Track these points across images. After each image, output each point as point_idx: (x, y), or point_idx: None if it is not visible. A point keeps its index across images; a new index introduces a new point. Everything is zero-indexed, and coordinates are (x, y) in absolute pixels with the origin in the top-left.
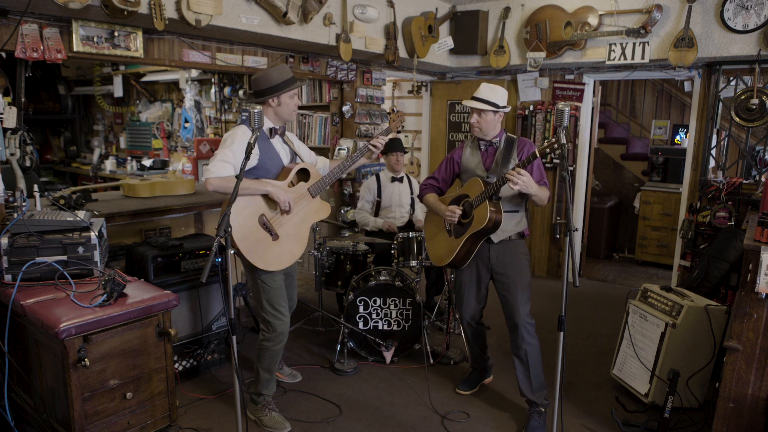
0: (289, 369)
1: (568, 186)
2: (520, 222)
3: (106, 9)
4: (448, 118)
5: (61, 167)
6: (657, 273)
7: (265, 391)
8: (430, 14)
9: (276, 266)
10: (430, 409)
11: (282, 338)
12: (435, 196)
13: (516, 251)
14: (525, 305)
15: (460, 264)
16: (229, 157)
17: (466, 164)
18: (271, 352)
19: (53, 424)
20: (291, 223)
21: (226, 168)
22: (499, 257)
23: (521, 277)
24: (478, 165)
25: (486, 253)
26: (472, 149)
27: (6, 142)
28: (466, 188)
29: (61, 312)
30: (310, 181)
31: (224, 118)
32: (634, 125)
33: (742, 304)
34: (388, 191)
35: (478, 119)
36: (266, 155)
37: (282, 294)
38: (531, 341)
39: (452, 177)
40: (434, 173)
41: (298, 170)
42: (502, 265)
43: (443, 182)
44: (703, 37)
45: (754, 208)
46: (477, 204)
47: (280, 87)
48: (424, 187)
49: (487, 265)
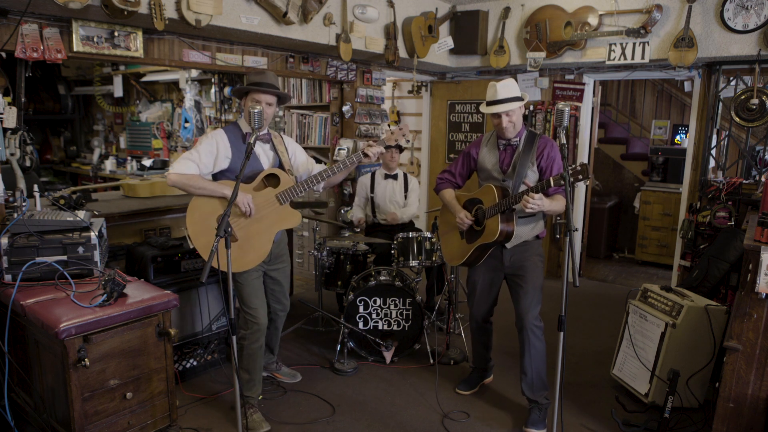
0: (288, 369)
1: (568, 186)
2: (536, 226)
3: (106, 9)
4: (448, 118)
5: (61, 167)
6: (657, 273)
7: (248, 393)
8: (430, 14)
9: (235, 268)
10: (430, 409)
11: (257, 336)
12: (451, 193)
13: (530, 252)
14: (535, 307)
15: (473, 264)
16: (194, 156)
17: (482, 163)
18: (248, 351)
19: (53, 424)
20: (252, 227)
21: (188, 166)
22: (512, 259)
23: (534, 279)
24: (495, 166)
25: (499, 254)
26: (490, 148)
27: (6, 142)
28: (481, 193)
29: (61, 312)
30: (279, 187)
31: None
32: (634, 125)
33: (742, 304)
34: (381, 188)
35: (509, 120)
36: (239, 159)
37: (254, 292)
38: (536, 343)
39: (469, 172)
40: (450, 167)
41: (266, 175)
42: (515, 267)
43: (460, 177)
44: (703, 37)
45: (754, 208)
46: (489, 215)
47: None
48: (440, 181)
49: (500, 267)
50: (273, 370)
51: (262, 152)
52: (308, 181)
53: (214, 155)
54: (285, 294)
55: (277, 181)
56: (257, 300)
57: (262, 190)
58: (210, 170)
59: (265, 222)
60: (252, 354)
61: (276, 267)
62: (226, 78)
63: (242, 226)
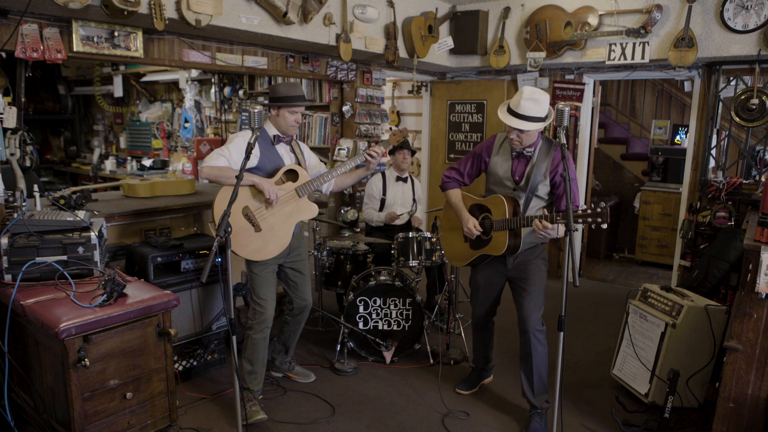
0: (302, 368)
1: (568, 186)
2: None
3: (106, 9)
4: (448, 118)
5: (61, 167)
6: (657, 273)
7: (249, 385)
8: (430, 14)
9: (258, 257)
10: (430, 409)
11: (262, 327)
12: (458, 194)
13: (534, 256)
14: (537, 311)
15: (476, 266)
16: (225, 152)
17: (494, 169)
18: (252, 340)
19: (53, 424)
20: (275, 218)
21: (219, 160)
22: (516, 262)
23: (537, 283)
24: (506, 174)
25: (503, 258)
26: (503, 153)
27: (6, 142)
28: (490, 203)
29: (61, 312)
30: (298, 181)
31: (224, 118)
32: (634, 125)
33: (742, 304)
34: (393, 190)
35: (519, 135)
36: (266, 158)
37: (266, 284)
38: (538, 347)
39: (478, 173)
40: (459, 165)
41: (286, 170)
42: (518, 270)
43: (468, 177)
44: (703, 37)
45: (754, 208)
46: (497, 228)
47: (281, 100)
48: (447, 179)
49: (503, 270)
50: (286, 370)
51: (285, 152)
52: (323, 176)
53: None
54: (307, 286)
55: (296, 176)
56: (268, 292)
57: (283, 184)
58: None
59: (286, 212)
60: (255, 344)
61: (295, 259)
62: (226, 78)
63: (265, 217)
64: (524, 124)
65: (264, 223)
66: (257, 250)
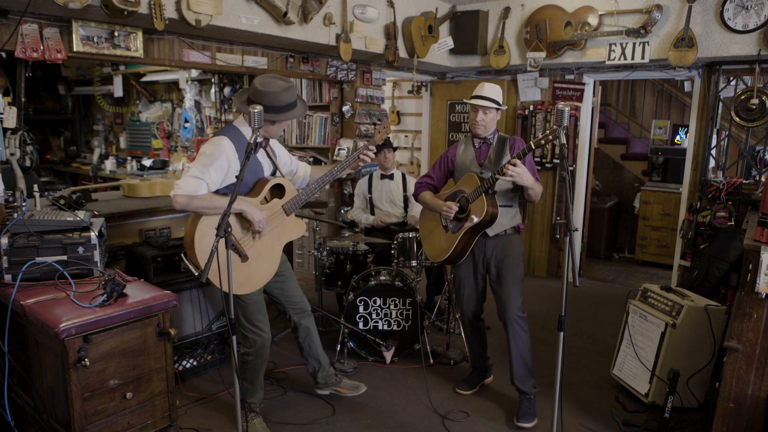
0: (351, 381)
1: (568, 186)
2: (515, 216)
3: (106, 9)
4: (448, 118)
5: (61, 167)
6: (657, 273)
7: (250, 399)
8: (430, 14)
9: (246, 289)
10: (430, 409)
11: (262, 352)
12: (431, 194)
13: (511, 245)
14: (517, 299)
15: (458, 259)
16: (205, 175)
17: (460, 161)
18: (252, 365)
19: (53, 424)
20: (262, 243)
21: (199, 186)
22: (495, 251)
23: (515, 271)
24: (473, 161)
25: (482, 247)
26: (465, 147)
27: (6, 142)
28: (462, 184)
29: (61, 312)
30: (285, 197)
31: (224, 118)
32: (634, 125)
33: (742, 304)
34: (378, 188)
35: (483, 117)
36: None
37: (259, 308)
38: (520, 333)
39: (446, 175)
40: (429, 172)
41: (272, 186)
42: (497, 259)
43: (438, 180)
44: (703, 37)
45: (754, 208)
46: (473, 198)
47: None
48: (419, 185)
49: (483, 259)
50: (333, 384)
51: (263, 158)
52: (311, 187)
53: (225, 171)
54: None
55: (282, 191)
56: (261, 316)
57: (268, 202)
58: (218, 186)
59: (273, 235)
60: (256, 368)
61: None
62: (226, 78)
63: (251, 244)
64: (487, 103)
65: (251, 251)
66: (244, 282)
